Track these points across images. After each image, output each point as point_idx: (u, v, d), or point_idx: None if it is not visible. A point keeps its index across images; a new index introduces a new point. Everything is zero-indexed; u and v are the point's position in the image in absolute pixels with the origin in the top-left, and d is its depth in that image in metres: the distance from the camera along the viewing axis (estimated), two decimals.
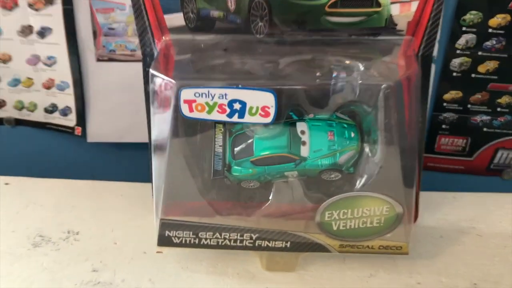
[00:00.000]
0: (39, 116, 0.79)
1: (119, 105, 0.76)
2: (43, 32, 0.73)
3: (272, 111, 0.44)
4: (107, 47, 0.74)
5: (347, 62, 0.48)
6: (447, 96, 0.74)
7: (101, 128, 0.79)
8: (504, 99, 0.74)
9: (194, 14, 0.50)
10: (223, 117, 0.45)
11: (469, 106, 0.75)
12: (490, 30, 0.68)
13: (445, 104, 0.75)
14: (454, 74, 0.72)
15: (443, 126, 0.77)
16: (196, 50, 0.51)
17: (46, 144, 0.81)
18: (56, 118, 0.79)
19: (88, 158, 0.82)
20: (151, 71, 0.46)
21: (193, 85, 0.44)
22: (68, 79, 0.76)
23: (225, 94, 0.43)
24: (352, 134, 0.49)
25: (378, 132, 0.48)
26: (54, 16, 0.72)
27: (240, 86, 0.44)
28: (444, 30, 0.69)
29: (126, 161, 0.81)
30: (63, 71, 0.76)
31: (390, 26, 0.48)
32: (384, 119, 0.47)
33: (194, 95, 0.44)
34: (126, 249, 0.57)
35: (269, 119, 0.45)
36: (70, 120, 0.79)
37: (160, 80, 0.46)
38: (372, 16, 0.48)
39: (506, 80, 0.72)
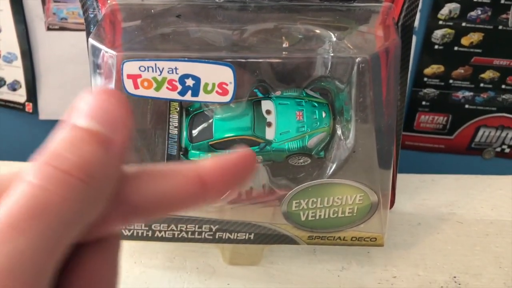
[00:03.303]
0: None
1: (73, 79, 0.70)
2: None
3: (230, 88, 0.38)
4: (58, 14, 0.67)
5: (317, 31, 0.42)
6: (428, 70, 0.70)
7: (54, 104, 0.72)
8: (488, 74, 0.70)
9: None
10: (174, 95, 0.39)
11: (451, 81, 0.71)
12: None
13: (425, 79, 0.71)
14: (436, 46, 0.68)
15: (423, 103, 0.73)
16: (146, 16, 0.44)
17: None
18: (4, 94, 0.73)
19: (40, 137, 0.75)
20: (90, 40, 0.39)
21: (139, 57, 0.38)
22: (16, 50, 0.70)
23: (176, 68, 0.37)
24: (323, 114, 0.44)
25: (351, 112, 0.43)
26: None
27: (192, 59, 0.37)
28: None
29: None
30: (9, 41, 0.69)
31: None
32: (359, 97, 0.41)
33: (139, 69, 0.38)
34: None
35: (227, 98, 0.39)
36: (20, 96, 0.73)
37: (101, 51, 0.39)
38: None
39: (491, 53, 0.68)
